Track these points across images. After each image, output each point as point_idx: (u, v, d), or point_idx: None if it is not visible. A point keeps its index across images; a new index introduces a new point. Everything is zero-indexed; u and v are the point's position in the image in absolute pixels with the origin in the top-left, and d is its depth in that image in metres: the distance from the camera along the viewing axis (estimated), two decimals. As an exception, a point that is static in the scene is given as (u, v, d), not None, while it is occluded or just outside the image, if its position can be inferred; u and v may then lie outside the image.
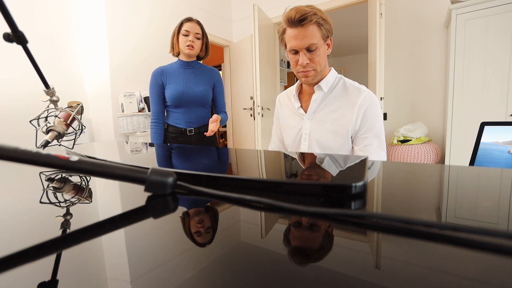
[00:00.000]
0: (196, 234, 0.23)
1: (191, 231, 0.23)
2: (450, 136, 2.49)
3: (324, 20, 0.87)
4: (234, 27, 3.99)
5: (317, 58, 0.90)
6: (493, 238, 0.18)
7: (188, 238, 0.22)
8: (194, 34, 1.46)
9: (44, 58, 2.26)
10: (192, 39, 1.46)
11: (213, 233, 0.23)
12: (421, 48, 2.95)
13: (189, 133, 1.54)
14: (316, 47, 0.88)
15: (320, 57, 0.90)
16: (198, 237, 0.22)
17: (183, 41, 1.46)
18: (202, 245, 0.21)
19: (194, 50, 1.48)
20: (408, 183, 0.39)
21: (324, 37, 0.89)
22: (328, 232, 0.22)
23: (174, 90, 1.48)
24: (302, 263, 0.18)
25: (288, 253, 0.19)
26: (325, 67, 0.95)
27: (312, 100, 0.98)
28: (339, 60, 6.64)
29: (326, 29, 0.89)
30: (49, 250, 0.20)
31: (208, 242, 0.21)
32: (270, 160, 0.55)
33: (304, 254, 0.19)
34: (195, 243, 0.21)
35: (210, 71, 1.60)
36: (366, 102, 0.91)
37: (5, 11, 0.52)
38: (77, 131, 0.70)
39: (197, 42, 1.48)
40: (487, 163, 0.78)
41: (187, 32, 1.46)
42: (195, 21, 1.49)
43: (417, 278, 0.15)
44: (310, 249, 0.20)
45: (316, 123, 0.98)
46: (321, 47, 0.89)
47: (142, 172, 0.28)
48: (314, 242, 0.21)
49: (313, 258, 0.18)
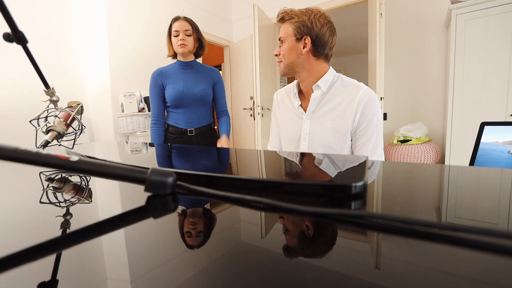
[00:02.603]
0: (196, 234, 0.23)
1: (191, 231, 0.23)
2: (450, 136, 2.49)
3: (294, 18, 0.94)
4: (234, 27, 3.99)
5: (282, 51, 0.98)
6: (493, 238, 0.18)
7: (188, 238, 0.22)
8: (184, 32, 1.46)
9: (44, 58, 2.26)
10: (183, 37, 1.46)
11: (213, 233, 0.23)
12: (421, 48, 2.95)
13: (190, 133, 1.54)
14: (282, 40, 0.97)
15: (284, 50, 0.97)
16: (198, 237, 0.22)
17: (175, 42, 1.47)
18: (202, 245, 0.21)
19: (187, 47, 1.47)
20: (408, 183, 0.39)
21: (295, 34, 0.94)
22: (328, 232, 0.22)
23: (174, 90, 1.48)
24: (302, 263, 0.18)
25: (288, 253, 0.19)
26: (297, 64, 0.98)
27: (311, 99, 0.99)
28: (339, 60, 6.64)
29: (298, 27, 0.94)
30: (49, 250, 0.20)
31: (208, 242, 0.21)
32: (270, 160, 0.55)
33: (304, 254, 0.19)
34: (195, 243, 0.21)
35: (209, 71, 1.60)
36: (365, 98, 0.92)
37: (5, 11, 0.52)
38: (77, 131, 0.70)
39: (188, 39, 1.48)
40: (487, 163, 0.78)
41: (177, 32, 1.46)
42: (183, 18, 1.48)
43: (417, 278, 0.15)
44: (310, 249, 0.20)
45: (316, 122, 0.99)
46: (287, 41, 0.96)
47: (142, 172, 0.28)
48: (314, 242, 0.21)
49: (313, 258, 0.18)
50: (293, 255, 0.19)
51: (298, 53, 0.96)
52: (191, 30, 1.49)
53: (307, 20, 0.92)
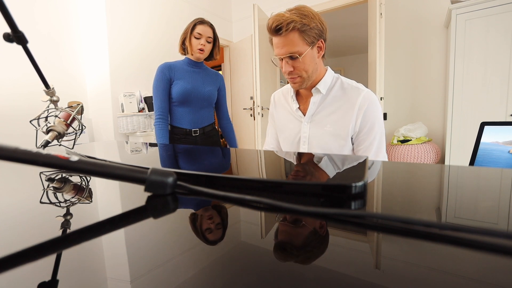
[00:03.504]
0: (196, 234, 0.23)
1: (191, 231, 0.23)
2: (450, 136, 2.49)
3: (306, 25, 0.82)
4: (234, 27, 3.99)
5: (300, 66, 0.87)
6: (493, 238, 0.18)
7: (188, 238, 0.22)
8: (206, 38, 1.45)
9: (44, 58, 2.26)
10: (204, 43, 1.45)
11: (213, 233, 0.23)
12: (421, 48, 2.95)
13: (194, 133, 1.53)
14: (297, 55, 0.85)
15: (304, 63, 0.87)
16: (198, 237, 0.22)
17: (195, 44, 1.44)
18: (202, 245, 0.21)
19: (204, 54, 1.47)
20: (408, 183, 0.39)
21: (309, 42, 0.85)
22: (328, 232, 0.22)
23: (182, 87, 1.45)
24: (302, 263, 0.18)
25: (288, 253, 0.19)
26: (314, 72, 0.91)
27: (311, 102, 0.96)
28: (339, 60, 6.64)
29: (311, 34, 0.84)
30: (49, 250, 0.20)
31: (208, 242, 0.21)
32: (270, 160, 0.55)
33: (304, 254, 0.19)
34: (195, 243, 0.21)
35: (215, 75, 1.61)
36: (366, 102, 0.90)
37: (5, 11, 0.52)
38: (77, 131, 0.70)
39: (207, 46, 1.47)
40: (487, 163, 0.78)
41: (200, 36, 1.44)
42: (208, 24, 1.46)
43: (417, 278, 0.15)
44: (310, 249, 0.20)
45: (316, 126, 0.96)
46: (304, 54, 0.85)
47: (142, 172, 0.28)
48: (314, 242, 0.21)
49: (313, 258, 0.18)
50: (293, 255, 0.19)
51: (315, 60, 0.90)
52: (212, 38, 1.48)
53: (318, 23, 0.85)
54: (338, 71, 1.04)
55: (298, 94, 1.04)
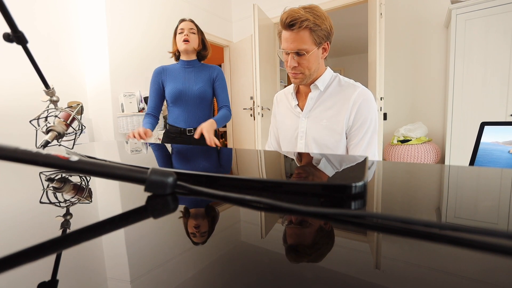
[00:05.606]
0: (196, 234, 0.23)
1: (191, 231, 0.23)
2: (450, 136, 2.49)
3: (318, 25, 0.85)
4: (234, 27, 3.99)
5: (305, 63, 0.90)
6: (493, 238, 0.18)
7: (188, 238, 0.22)
8: (189, 30, 1.52)
9: (44, 58, 2.26)
10: (187, 33, 1.51)
11: (213, 233, 0.23)
12: (421, 48, 2.95)
13: (189, 133, 1.55)
14: (304, 52, 0.88)
15: (309, 61, 0.90)
16: (198, 237, 0.22)
17: (179, 39, 1.52)
18: (202, 245, 0.21)
19: (190, 43, 1.51)
20: (408, 183, 0.39)
21: (317, 42, 0.88)
22: (328, 232, 0.22)
23: (173, 88, 1.53)
24: (302, 263, 0.18)
25: (288, 253, 0.19)
26: (316, 71, 0.95)
27: (309, 98, 0.99)
28: (339, 60, 6.64)
29: (320, 35, 0.87)
30: (49, 250, 0.20)
31: (208, 242, 0.21)
32: (270, 160, 0.55)
33: (304, 254, 0.19)
34: (195, 243, 0.21)
35: (210, 68, 1.63)
36: (360, 98, 0.92)
37: (5, 11, 0.52)
38: (77, 131, 0.70)
39: (192, 36, 1.52)
40: (487, 163, 0.78)
41: (182, 30, 1.51)
42: (188, 19, 1.55)
43: (417, 278, 0.15)
44: (310, 249, 0.20)
45: (312, 121, 0.99)
46: (310, 52, 0.88)
47: (142, 172, 0.28)
48: (314, 242, 0.21)
49: (313, 258, 0.18)
50: (293, 255, 0.19)
51: (318, 60, 0.94)
52: (195, 29, 1.54)
53: (328, 25, 0.88)
54: (338, 71, 1.04)
55: (298, 92, 1.07)
